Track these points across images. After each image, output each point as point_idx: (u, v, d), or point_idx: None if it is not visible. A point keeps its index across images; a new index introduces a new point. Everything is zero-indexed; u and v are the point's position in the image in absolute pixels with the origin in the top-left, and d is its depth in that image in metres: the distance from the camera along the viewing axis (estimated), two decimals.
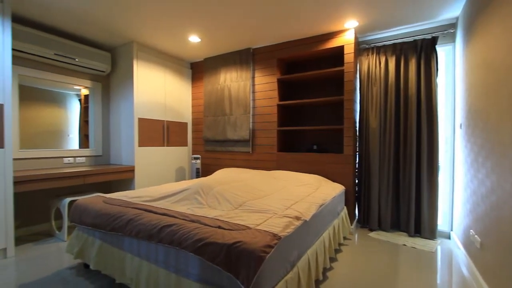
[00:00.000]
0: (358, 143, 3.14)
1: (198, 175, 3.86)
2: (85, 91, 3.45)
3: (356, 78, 3.04)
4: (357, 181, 3.13)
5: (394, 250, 2.47)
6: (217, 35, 3.15)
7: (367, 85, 3.05)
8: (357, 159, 3.14)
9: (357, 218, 3.18)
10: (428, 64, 2.74)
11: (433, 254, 2.39)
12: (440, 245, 2.61)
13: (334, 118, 3.27)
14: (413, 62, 2.80)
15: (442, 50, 2.86)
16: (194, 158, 3.88)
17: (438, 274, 2.06)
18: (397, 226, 2.97)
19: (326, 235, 2.10)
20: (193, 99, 4.22)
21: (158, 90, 3.65)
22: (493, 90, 1.70)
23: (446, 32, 2.70)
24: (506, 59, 1.52)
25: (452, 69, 2.78)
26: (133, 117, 3.32)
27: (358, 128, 3.15)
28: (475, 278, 1.90)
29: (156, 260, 1.55)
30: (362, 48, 3.10)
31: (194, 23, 2.82)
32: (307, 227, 1.74)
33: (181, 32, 3.05)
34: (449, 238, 2.78)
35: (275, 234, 1.35)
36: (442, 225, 2.84)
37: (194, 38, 3.22)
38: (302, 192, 2.36)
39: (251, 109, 3.56)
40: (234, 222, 1.53)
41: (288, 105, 3.41)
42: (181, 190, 2.18)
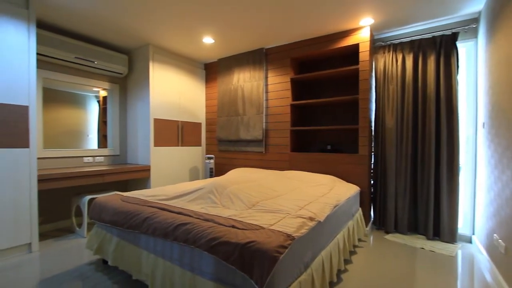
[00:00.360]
0: (373, 143, 3.07)
1: (211, 175, 3.90)
2: (103, 93, 3.57)
3: (371, 77, 2.98)
4: (372, 182, 3.06)
5: (411, 254, 2.40)
6: (230, 36, 3.17)
7: (383, 83, 2.98)
8: (372, 160, 3.07)
9: (372, 219, 3.11)
10: (448, 61, 2.64)
11: (453, 259, 2.30)
12: (460, 249, 2.51)
13: (349, 117, 3.22)
14: (432, 59, 2.71)
15: (463, 46, 2.74)
16: (208, 158, 3.92)
17: (459, 279, 1.98)
18: (414, 229, 2.88)
19: (340, 237, 2.06)
20: (206, 100, 4.27)
21: (173, 91, 3.72)
22: None
23: (467, 27, 2.60)
24: None
25: (474, 65, 2.67)
26: (149, 117, 3.40)
27: (373, 127, 3.08)
28: (499, 285, 1.82)
29: (171, 257, 1.59)
30: (377, 45, 3.03)
31: (208, 25, 2.86)
32: (321, 228, 1.72)
33: (195, 33, 3.09)
34: (470, 242, 2.67)
35: (289, 234, 1.35)
36: (462, 228, 2.73)
37: (208, 40, 3.26)
38: (316, 192, 2.33)
39: (264, 109, 3.56)
40: (248, 221, 1.54)
41: (301, 105, 3.38)
42: (195, 189, 2.21)
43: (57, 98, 3.14)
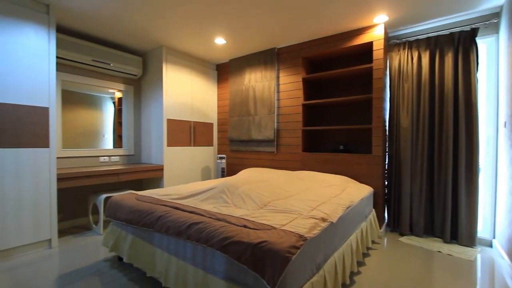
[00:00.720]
0: (387, 143, 3.01)
1: (223, 175, 3.93)
2: (118, 94, 3.67)
3: (385, 75, 2.91)
4: (386, 182, 3.00)
5: (427, 257, 2.33)
6: (242, 37, 3.19)
7: (398, 82, 2.91)
8: (386, 160, 3.00)
9: (386, 221, 3.04)
10: (466, 58, 2.55)
11: (472, 263, 2.22)
12: (480, 253, 2.42)
13: (362, 117, 3.16)
14: (449, 56, 2.62)
15: (483, 42, 2.64)
16: (220, 158, 3.95)
17: (478, 285, 1.91)
18: (431, 232, 2.79)
19: (353, 238, 2.03)
20: (218, 100, 4.30)
21: (185, 92, 3.78)
22: None
23: (488, 22, 2.49)
24: None
25: (495, 62, 2.56)
26: (162, 118, 3.46)
27: (388, 127, 3.01)
28: None
29: (184, 256, 1.61)
30: (392, 43, 2.96)
31: (220, 25, 2.88)
32: (334, 229, 1.70)
33: (207, 35, 3.12)
34: (490, 246, 2.56)
35: (301, 235, 1.34)
36: (482, 231, 2.63)
37: (220, 40, 3.29)
38: (328, 193, 2.31)
39: (276, 109, 3.56)
40: (259, 221, 1.54)
41: (313, 104, 3.35)
42: (207, 189, 2.23)
43: (75, 99, 3.25)
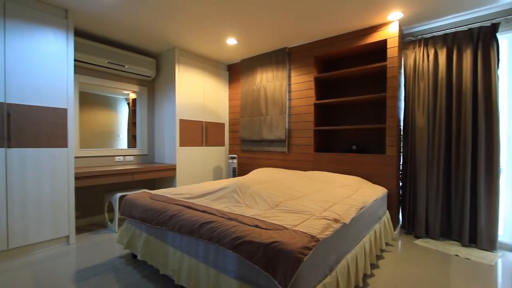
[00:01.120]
0: (402, 143, 2.93)
1: (234, 175, 3.95)
2: (133, 95, 3.76)
3: (400, 74, 2.85)
4: (401, 183, 2.93)
5: (444, 260, 2.26)
6: (254, 37, 3.19)
7: (413, 80, 2.83)
8: (401, 160, 2.93)
9: (400, 223, 2.97)
10: (486, 54, 2.45)
11: (492, 268, 2.14)
12: (501, 258, 2.32)
13: (375, 116, 3.10)
14: (468, 53, 2.53)
15: (504, 38, 2.53)
16: (231, 158, 3.97)
17: None
18: (447, 234, 2.71)
19: (366, 240, 2.00)
20: (230, 100, 4.32)
21: (197, 92, 3.82)
22: None
23: (510, 17, 2.39)
24: None
25: None
26: (175, 118, 3.52)
27: (402, 127, 2.94)
28: None
29: (196, 254, 1.63)
30: (407, 40, 2.89)
31: (232, 26, 2.89)
32: (347, 231, 1.68)
33: (219, 35, 3.15)
34: None
35: (313, 236, 1.33)
36: (503, 235, 2.52)
37: (231, 41, 3.31)
38: (341, 193, 2.27)
39: (287, 109, 3.54)
40: (271, 221, 1.54)
41: (325, 104, 3.31)
42: (219, 188, 2.25)
43: (91, 101, 3.35)
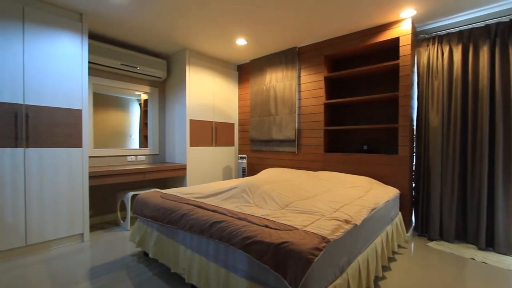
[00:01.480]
0: (415, 143, 2.87)
1: (244, 175, 3.96)
2: (144, 96, 3.82)
3: (413, 72, 2.78)
4: (414, 184, 2.86)
5: (459, 264, 2.19)
6: (263, 37, 3.19)
7: (427, 79, 2.76)
8: (414, 161, 2.86)
9: (413, 225, 2.91)
10: (505, 51, 2.37)
11: (510, 273, 2.06)
12: None
13: (387, 116, 3.04)
14: (484, 50, 2.45)
15: None
16: (241, 158, 3.99)
17: None
18: (463, 237, 2.63)
19: (378, 242, 1.96)
20: (239, 100, 4.34)
21: (208, 93, 3.85)
22: None
23: None
24: None
25: None
26: (185, 118, 3.56)
27: (415, 126, 2.88)
28: None
29: (207, 254, 1.64)
30: (420, 38, 2.82)
31: (242, 26, 2.90)
32: (358, 232, 1.65)
33: (229, 36, 3.16)
34: None
35: (324, 236, 1.32)
36: None
37: (241, 41, 3.32)
38: (351, 194, 2.24)
39: (297, 108, 3.52)
40: (281, 222, 1.54)
41: (335, 103, 3.28)
42: (229, 188, 2.26)
43: (104, 102, 3.43)
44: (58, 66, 2.46)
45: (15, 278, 1.93)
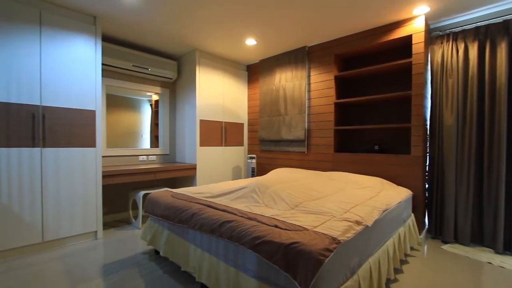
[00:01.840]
0: (428, 143, 2.80)
1: (253, 174, 3.96)
2: (155, 97, 3.88)
3: (426, 70, 2.72)
4: (427, 185, 2.79)
5: (475, 268, 2.13)
6: (273, 37, 3.19)
7: (441, 77, 2.69)
8: (427, 161, 2.80)
9: (427, 227, 2.84)
10: None
11: None
12: None
13: (400, 115, 2.98)
14: (502, 47, 2.36)
15: None
16: (250, 158, 3.99)
17: None
18: (479, 240, 2.55)
19: (390, 244, 1.93)
20: (249, 100, 4.35)
21: (217, 93, 3.88)
22: None
23: None
24: None
25: None
26: (195, 119, 3.60)
27: (429, 126, 2.81)
28: None
29: (216, 253, 1.65)
30: (434, 35, 2.75)
31: (251, 26, 2.91)
32: (369, 233, 1.63)
33: (239, 36, 3.18)
34: None
35: (334, 237, 1.30)
36: None
37: (250, 41, 3.32)
38: (362, 195, 2.21)
39: (307, 108, 3.50)
40: (291, 222, 1.53)
41: (346, 103, 3.24)
42: (238, 188, 2.27)
43: (116, 102, 3.51)
44: (73, 68, 2.53)
45: (33, 273, 1.99)
